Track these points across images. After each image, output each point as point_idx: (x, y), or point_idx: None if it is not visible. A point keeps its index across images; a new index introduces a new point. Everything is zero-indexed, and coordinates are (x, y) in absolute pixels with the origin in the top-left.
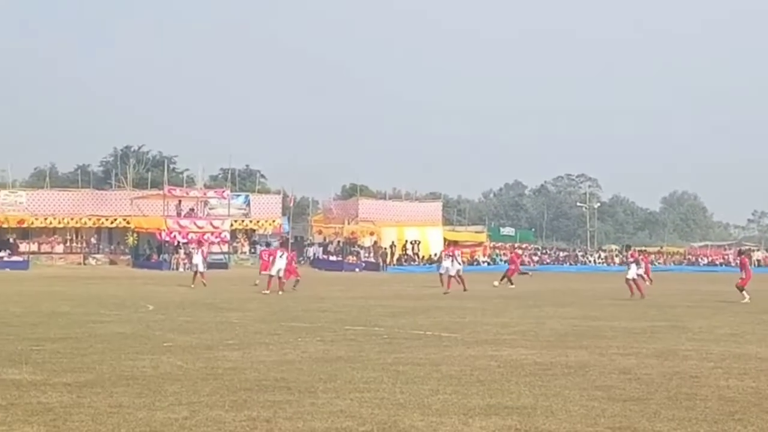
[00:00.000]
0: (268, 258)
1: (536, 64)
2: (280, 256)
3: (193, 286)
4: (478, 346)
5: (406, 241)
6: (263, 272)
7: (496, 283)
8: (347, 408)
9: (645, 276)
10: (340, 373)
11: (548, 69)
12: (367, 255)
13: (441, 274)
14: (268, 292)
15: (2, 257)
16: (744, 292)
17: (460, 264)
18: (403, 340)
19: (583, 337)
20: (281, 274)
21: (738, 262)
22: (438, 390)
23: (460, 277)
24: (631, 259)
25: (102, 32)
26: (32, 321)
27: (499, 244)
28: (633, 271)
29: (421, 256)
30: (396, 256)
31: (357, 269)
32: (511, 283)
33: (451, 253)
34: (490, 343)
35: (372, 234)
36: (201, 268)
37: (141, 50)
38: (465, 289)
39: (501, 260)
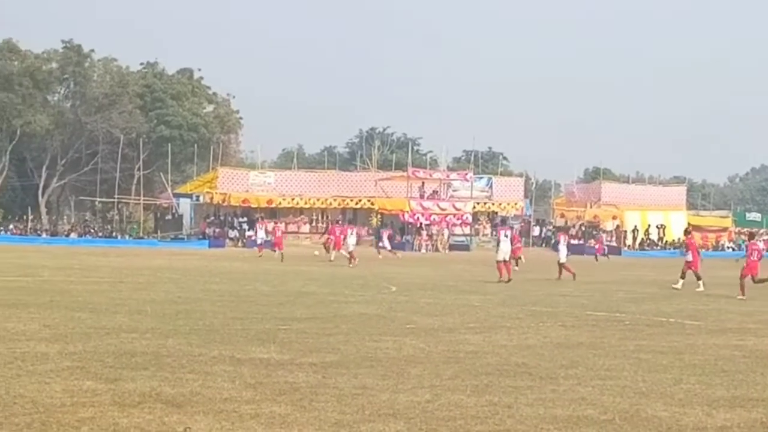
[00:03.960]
0: (339, 234)
1: None
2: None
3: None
4: (722, 334)
5: (649, 225)
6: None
7: (516, 267)
8: (588, 396)
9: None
10: (582, 360)
11: None
12: (609, 239)
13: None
14: (352, 266)
15: (251, 236)
16: (699, 281)
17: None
18: (645, 326)
19: None
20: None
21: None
22: (681, 379)
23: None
24: (561, 242)
25: (352, 19)
26: (279, 300)
27: (745, 229)
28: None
29: (664, 241)
30: (638, 241)
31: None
32: (516, 265)
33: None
34: (734, 331)
35: (615, 218)
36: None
37: (389, 34)
38: (508, 279)
39: (746, 246)
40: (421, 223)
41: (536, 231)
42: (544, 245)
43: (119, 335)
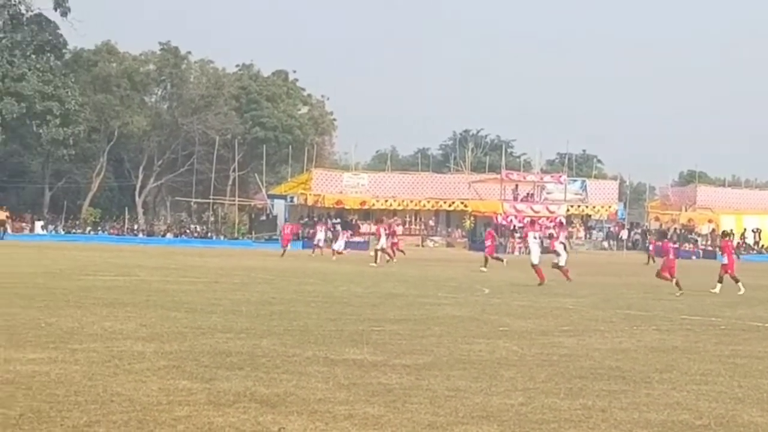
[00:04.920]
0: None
1: None
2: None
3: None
4: None
5: (745, 229)
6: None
7: (483, 268)
8: (683, 400)
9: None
10: (676, 364)
11: None
12: (704, 243)
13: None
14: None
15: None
16: (738, 283)
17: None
18: (740, 331)
19: None
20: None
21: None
22: None
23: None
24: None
25: (447, 23)
26: (372, 302)
27: None
28: (563, 260)
29: (761, 245)
30: (734, 245)
31: (694, 257)
32: (490, 260)
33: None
34: None
35: (710, 221)
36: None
37: (482, 37)
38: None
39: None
40: (514, 226)
41: (624, 234)
42: (637, 248)
43: (214, 335)
